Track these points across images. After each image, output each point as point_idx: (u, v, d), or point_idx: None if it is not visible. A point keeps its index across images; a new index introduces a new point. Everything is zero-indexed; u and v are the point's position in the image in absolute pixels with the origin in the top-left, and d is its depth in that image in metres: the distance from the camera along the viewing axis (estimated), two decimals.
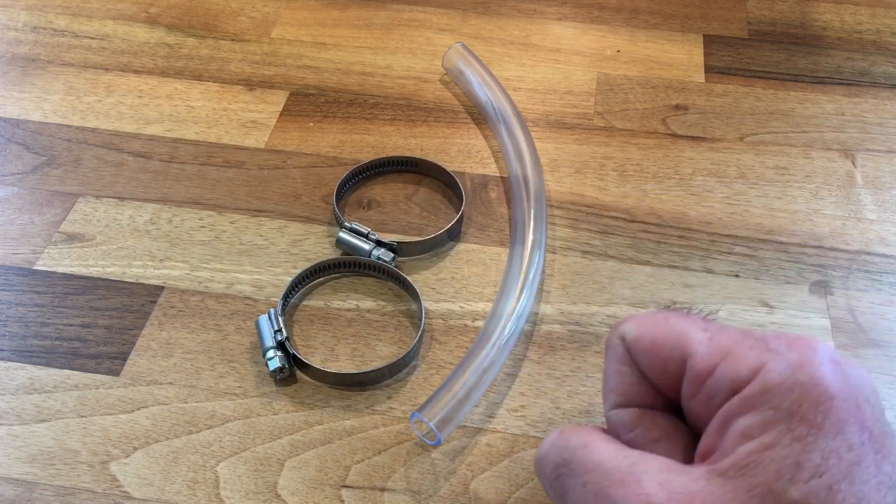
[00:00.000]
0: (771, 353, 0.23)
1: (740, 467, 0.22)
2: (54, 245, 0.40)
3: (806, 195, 0.42)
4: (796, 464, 0.21)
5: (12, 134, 0.45)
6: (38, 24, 0.52)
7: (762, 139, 0.45)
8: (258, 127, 0.46)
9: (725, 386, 0.24)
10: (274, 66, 0.49)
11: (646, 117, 0.46)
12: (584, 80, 0.49)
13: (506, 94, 0.46)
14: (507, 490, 0.31)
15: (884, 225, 0.41)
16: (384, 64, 0.49)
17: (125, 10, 0.53)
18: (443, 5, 0.54)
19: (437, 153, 0.44)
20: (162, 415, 0.33)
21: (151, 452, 0.32)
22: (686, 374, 0.25)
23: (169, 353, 0.35)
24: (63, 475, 0.32)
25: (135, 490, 0.31)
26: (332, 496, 0.31)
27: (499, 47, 0.51)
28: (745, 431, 0.22)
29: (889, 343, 0.36)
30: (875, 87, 0.48)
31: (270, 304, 0.37)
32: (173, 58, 0.50)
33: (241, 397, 0.34)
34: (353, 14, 0.53)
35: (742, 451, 0.22)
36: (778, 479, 0.21)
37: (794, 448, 0.21)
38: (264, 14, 0.53)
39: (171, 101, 0.47)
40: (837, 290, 0.38)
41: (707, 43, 0.51)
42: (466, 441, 0.33)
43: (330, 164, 0.44)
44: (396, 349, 0.36)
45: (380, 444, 0.33)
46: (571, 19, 0.53)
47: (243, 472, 0.32)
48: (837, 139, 0.45)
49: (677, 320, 0.26)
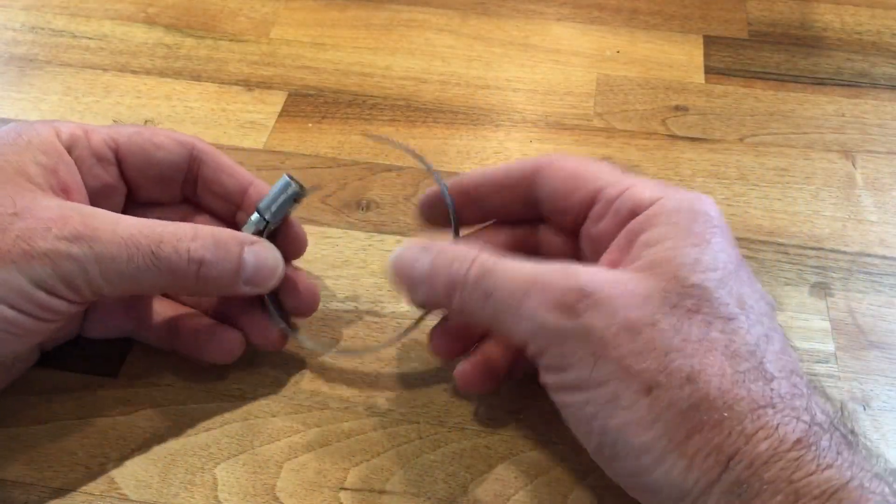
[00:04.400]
0: (670, 190, 0.29)
1: (650, 264, 0.26)
2: None
3: (806, 196, 0.42)
4: (695, 260, 0.26)
5: None
6: (36, 24, 0.52)
7: (762, 140, 0.45)
8: (257, 128, 0.45)
9: (628, 207, 0.29)
10: (273, 67, 0.49)
11: (645, 118, 0.46)
12: (583, 80, 0.49)
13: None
14: (506, 492, 0.31)
15: (884, 227, 0.41)
16: (383, 64, 0.49)
17: (123, 11, 0.53)
18: (442, 6, 0.53)
19: (436, 154, 0.44)
20: (160, 416, 0.33)
21: (149, 454, 0.32)
22: (598, 201, 0.30)
23: (167, 354, 0.35)
24: (60, 477, 0.31)
25: (132, 492, 0.31)
26: (331, 498, 0.31)
27: (498, 48, 0.51)
28: (648, 241, 0.27)
29: (889, 345, 0.36)
30: (875, 89, 0.48)
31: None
32: (172, 58, 0.50)
33: (239, 399, 0.34)
34: (352, 14, 0.53)
35: (648, 254, 0.27)
36: (682, 268, 0.26)
37: (692, 251, 0.26)
38: (263, 14, 0.53)
39: (170, 101, 0.47)
40: (837, 291, 0.38)
41: (707, 44, 0.51)
42: (465, 443, 0.33)
43: (329, 165, 0.43)
44: (397, 351, 0.36)
45: (378, 446, 0.33)
46: (571, 20, 0.53)
47: (241, 475, 0.32)
48: (837, 140, 0.45)
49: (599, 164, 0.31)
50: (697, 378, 0.24)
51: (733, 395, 0.24)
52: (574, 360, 0.26)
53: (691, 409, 0.24)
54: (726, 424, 0.24)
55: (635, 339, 0.25)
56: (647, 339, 0.25)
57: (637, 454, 0.25)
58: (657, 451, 0.25)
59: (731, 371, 0.25)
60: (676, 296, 0.26)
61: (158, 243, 0.28)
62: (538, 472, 0.32)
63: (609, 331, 0.25)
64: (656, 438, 0.24)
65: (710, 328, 0.25)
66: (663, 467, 0.24)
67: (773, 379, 0.25)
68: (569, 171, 0.31)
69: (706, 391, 0.24)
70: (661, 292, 0.26)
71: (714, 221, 0.28)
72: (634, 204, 0.29)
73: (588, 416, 0.26)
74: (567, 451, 0.32)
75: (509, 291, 0.27)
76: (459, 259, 0.28)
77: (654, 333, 0.25)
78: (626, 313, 0.25)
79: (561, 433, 0.33)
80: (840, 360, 0.35)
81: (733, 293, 0.26)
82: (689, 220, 0.27)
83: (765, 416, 0.24)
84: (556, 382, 0.27)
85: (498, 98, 0.47)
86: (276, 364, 0.35)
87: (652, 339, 0.25)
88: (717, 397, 0.24)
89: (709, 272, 0.26)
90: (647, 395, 0.25)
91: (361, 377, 0.35)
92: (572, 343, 0.26)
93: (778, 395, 0.25)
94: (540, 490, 0.31)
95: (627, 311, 0.25)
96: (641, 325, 0.25)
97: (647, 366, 0.25)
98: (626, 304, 0.25)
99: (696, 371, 0.24)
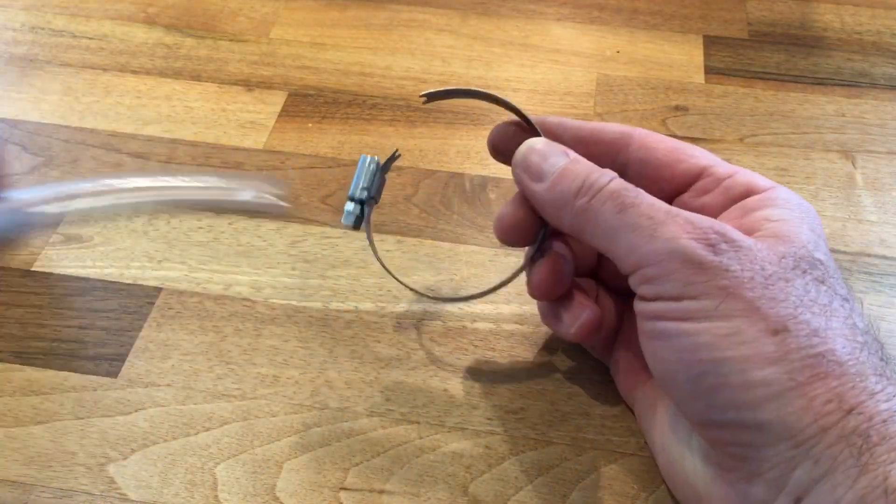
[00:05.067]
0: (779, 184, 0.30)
1: (776, 234, 0.28)
2: (52, 246, 0.39)
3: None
4: (817, 239, 0.28)
5: (10, 134, 0.45)
6: (36, 24, 0.52)
7: (762, 140, 0.45)
8: (256, 128, 0.45)
9: (742, 186, 0.30)
10: (272, 67, 0.49)
11: (645, 118, 0.46)
12: (583, 80, 0.49)
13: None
14: (507, 493, 0.31)
15: (884, 227, 0.41)
16: (383, 64, 0.49)
17: (123, 11, 0.53)
18: (442, 6, 0.53)
19: (436, 154, 0.44)
20: (160, 417, 0.33)
21: (149, 454, 0.32)
22: (705, 176, 0.31)
23: (167, 354, 0.35)
24: (60, 477, 0.31)
25: (132, 492, 0.31)
26: (331, 498, 0.31)
27: (498, 48, 0.51)
28: (770, 216, 0.28)
29: (890, 345, 0.36)
30: (875, 89, 0.48)
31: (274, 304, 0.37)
32: (171, 58, 0.50)
33: (239, 399, 0.34)
34: (352, 14, 0.53)
35: (772, 227, 0.28)
36: (808, 243, 0.27)
37: (812, 234, 0.28)
38: (263, 14, 0.53)
39: (170, 101, 0.47)
40: None
41: (707, 44, 0.51)
42: (465, 443, 0.33)
43: (328, 165, 0.43)
44: (397, 350, 0.36)
45: (378, 446, 0.33)
46: (571, 20, 0.53)
47: (241, 475, 0.32)
48: (837, 140, 0.45)
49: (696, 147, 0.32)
50: (823, 334, 0.25)
51: (856, 357, 0.25)
52: (702, 290, 0.26)
53: (818, 356, 0.25)
54: (850, 378, 0.25)
55: (769, 288, 0.26)
56: (778, 290, 0.26)
57: (752, 387, 0.25)
58: (777, 386, 0.25)
59: (851, 338, 0.26)
60: (807, 263, 0.27)
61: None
62: (538, 472, 0.32)
63: (746, 274, 0.26)
64: (778, 374, 0.25)
65: (833, 300, 0.26)
66: (778, 403, 0.25)
67: (882, 358, 0.26)
68: (670, 144, 0.32)
69: (832, 346, 0.25)
70: (793, 257, 0.27)
71: (820, 222, 0.29)
72: (749, 186, 0.30)
73: (699, 346, 0.26)
74: (567, 451, 0.32)
75: (651, 211, 0.27)
76: (599, 171, 0.29)
77: (787, 287, 0.26)
78: (763, 264, 0.26)
79: (561, 433, 0.33)
80: None
81: (841, 279, 0.28)
82: (804, 211, 0.29)
83: (884, 382, 0.25)
84: (670, 309, 0.27)
85: None
86: (276, 364, 0.35)
87: (785, 291, 0.26)
88: (842, 354, 0.25)
89: (828, 255, 0.28)
90: (774, 336, 0.25)
91: (361, 377, 0.35)
92: (707, 275, 0.26)
93: (886, 371, 0.25)
94: (540, 490, 0.31)
95: (764, 263, 0.26)
96: (776, 279, 0.26)
97: (777, 311, 0.25)
98: (763, 258, 0.26)
99: (822, 328, 0.25)
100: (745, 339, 0.25)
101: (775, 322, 0.25)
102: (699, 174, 0.31)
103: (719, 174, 0.31)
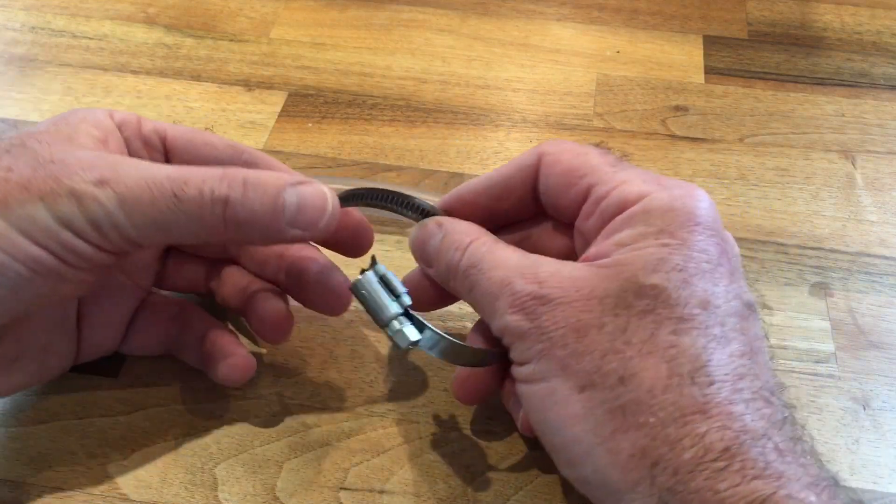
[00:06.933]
0: (660, 187, 0.28)
1: (615, 263, 0.27)
2: None
3: (806, 197, 0.42)
4: (660, 259, 0.26)
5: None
6: (37, 24, 0.52)
7: (762, 140, 0.45)
8: (257, 128, 0.45)
9: (614, 205, 0.28)
10: (273, 67, 0.49)
11: (645, 118, 0.46)
12: (583, 80, 0.49)
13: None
14: (507, 492, 0.31)
15: (884, 227, 0.41)
16: (383, 64, 0.49)
17: (123, 11, 0.53)
18: (442, 6, 0.53)
19: (436, 154, 0.44)
20: (160, 416, 0.33)
21: (149, 454, 0.32)
22: (589, 198, 0.29)
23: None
24: (61, 477, 0.31)
25: (133, 492, 0.31)
26: (331, 498, 0.31)
27: (498, 48, 0.51)
28: (621, 241, 0.27)
29: (889, 345, 0.36)
30: (875, 89, 0.48)
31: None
32: (172, 58, 0.50)
33: (239, 399, 0.34)
34: (352, 14, 0.53)
35: (617, 254, 0.27)
36: (643, 269, 0.26)
37: (660, 251, 0.26)
38: (263, 14, 0.53)
39: (170, 101, 0.47)
40: (837, 291, 0.38)
41: (707, 44, 0.51)
42: (465, 443, 0.33)
43: (329, 166, 0.43)
44: (396, 350, 0.36)
45: (378, 446, 0.33)
46: (571, 20, 0.53)
47: (241, 474, 0.32)
48: (837, 140, 0.45)
49: (594, 156, 0.30)
50: (630, 381, 0.25)
51: (662, 400, 0.24)
52: (529, 356, 0.27)
53: (619, 409, 0.25)
54: (651, 429, 0.24)
55: (580, 341, 0.26)
56: (589, 341, 0.26)
57: (569, 446, 0.26)
58: (586, 444, 0.25)
59: (667, 375, 0.25)
60: (632, 296, 0.26)
61: (182, 184, 0.27)
62: (538, 472, 0.32)
63: (559, 332, 0.26)
64: (586, 432, 0.25)
65: (658, 329, 0.25)
66: (591, 459, 0.25)
67: (713, 384, 0.25)
68: (564, 165, 0.30)
69: (636, 395, 0.25)
70: (616, 293, 0.26)
71: (698, 218, 0.27)
72: (621, 202, 0.28)
73: (531, 408, 0.28)
74: None
75: (486, 290, 0.28)
76: (455, 245, 0.30)
77: (598, 336, 0.26)
78: (578, 316, 0.26)
79: None
80: (840, 360, 0.35)
81: (697, 293, 0.26)
82: (667, 219, 0.27)
83: (692, 423, 0.24)
84: (516, 374, 0.28)
85: (498, 98, 0.47)
86: (276, 364, 0.35)
87: (594, 342, 0.26)
88: (645, 401, 0.25)
89: (672, 272, 0.26)
90: (580, 392, 0.26)
91: (362, 377, 0.35)
92: (528, 342, 0.27)
93: (713, 400, 0.24)
94: (540, 490, 0.31)
95: (579, 314, 0.26)
96: (588, 328, 0.26)
97: (583, 367, 0.26)
98: (579, 307, 0.26)
99: (629, 374, 0.25)
100: (558, 398, 0.26)
101: (582, 378, 0.26)
102: (585, 197, 0.30)
103: (599, 195, 0.29)
